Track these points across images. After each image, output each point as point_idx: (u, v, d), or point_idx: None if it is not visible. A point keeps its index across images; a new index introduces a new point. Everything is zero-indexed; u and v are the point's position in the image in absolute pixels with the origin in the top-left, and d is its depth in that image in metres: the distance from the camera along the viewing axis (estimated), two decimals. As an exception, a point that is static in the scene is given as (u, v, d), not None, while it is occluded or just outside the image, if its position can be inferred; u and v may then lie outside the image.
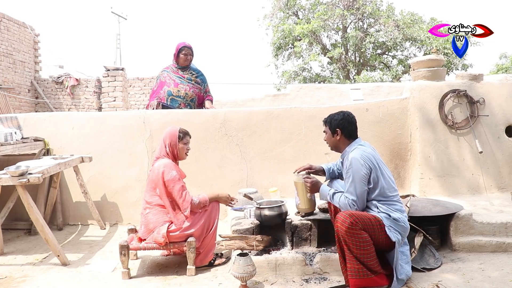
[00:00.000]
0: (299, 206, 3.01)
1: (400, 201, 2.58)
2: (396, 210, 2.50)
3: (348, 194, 2.50)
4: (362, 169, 2.45)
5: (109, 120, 4.26)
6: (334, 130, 2.65)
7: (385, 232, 2.42)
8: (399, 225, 2.47)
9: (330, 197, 2.61)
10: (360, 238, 2.35)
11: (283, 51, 18.09)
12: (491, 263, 2.89)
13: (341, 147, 2.68)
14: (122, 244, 2.78)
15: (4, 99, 10.11)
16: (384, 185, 2.50)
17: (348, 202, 2.48)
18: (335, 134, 2.66)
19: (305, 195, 2.92)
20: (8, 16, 11.91)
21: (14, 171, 2.91)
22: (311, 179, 2.77)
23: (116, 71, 11.89)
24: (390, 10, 17.04)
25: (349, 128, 2.64)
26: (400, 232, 2.48)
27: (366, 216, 2.42)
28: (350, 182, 2.48)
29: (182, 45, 4.45)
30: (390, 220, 2.45)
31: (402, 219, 2.50)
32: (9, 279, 2.83)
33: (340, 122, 2.63)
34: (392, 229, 2.44)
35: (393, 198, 2.53)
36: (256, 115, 4.22)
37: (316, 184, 2.74)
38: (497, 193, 4.11)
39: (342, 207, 2.52)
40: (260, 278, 2.68)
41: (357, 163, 2.46)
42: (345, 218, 2.36)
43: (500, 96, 4.29)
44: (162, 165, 2.88)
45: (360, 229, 2.35)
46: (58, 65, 16.93)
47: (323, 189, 2.68)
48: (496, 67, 22.25)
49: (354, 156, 2.48)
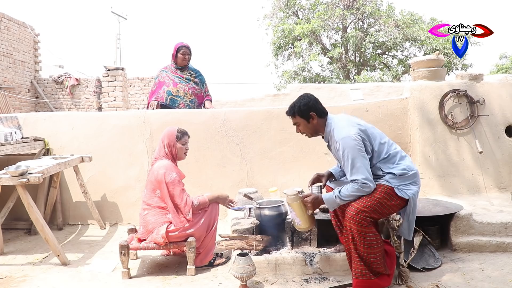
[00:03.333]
0: (301, 226, 2.65)
1: (400, 150, 2.50)
2: (399, 162, 2.41)
3: (354, 177, 2.33)
4: (356, 143, 2.33)
5: (109, 120, 4.26)
6: (307, 115, 2.50)
7: (397, 196, 2.35)
8: (407, 176, 2.38)
9: (339, 199, 2.40)
10: (368, 236, 2.32)
11: (283, 51, 18.10)
12: (491, 263, 2.89)
13: (320, 130, 2.55)
14: (122, 244, 2.78)
15: (4, 99, 10.11)
16: (380, 145, 2.42)
17: (359, 186, 2.32)
18: (310, 119, 2.51)
19: (305, 213, 2.61)
20: (8, 16, 11.91)
21: (14, 171, 2.91)
22: (310, 197, 2.54)
23: (116, 71, 11.88)
24: (390, 10, 17.05)
25: (319, 107, 2.52)
26: (411, 183, 2.39)
27: (373, 200, 2.33)
28: (351, 163, 2.33)
29: (180, 44, 4.47)
30: (397, 178, 2.37)
31: (409, 167, 2.40)
32: (9, 279, 2.83)
33: (310, 105, 2.49)
34: (402, 186, 2.37)
35: (392, 152, 2.44)
36: (256, 115, 4.22)
37: (317, 199, 2.52)
38: (497, 193, 4.11)
39: (356, 195, 2.36)
40: (260, 278, 2.68)
41: (348, 140, 2.34)
42: (353, 216, 2.32)
43: (500, 96, 4.30)
44: (162, 167, 2.87)
45: (369, 224, 2.32)
46: (58, 65, 16.91)
47: (327, 198, 2.46)
48: (496, 67, 22.26)
49: (342, 137, 2.37)
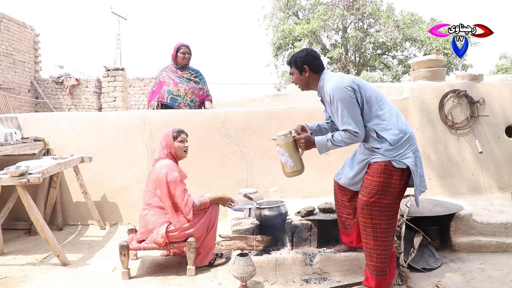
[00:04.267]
0: (294, 168, 2.56)
1: (396, 109, 2.47)
2: (391, 127, 2.36)
3: (345, 126, 2.34)
4: (346, 92, 2.32)
5: (109, 120, 4.26)
6: (301, 68, 2.51)
7: (395, 169, 2.33)
8: (402, 143, 2.35)
9: (331, 142, 2.42)
10: (380, 228, 2.36)
11: (283, 51, 18.09)
12: (491, 263, 2.89)
13: (312, 84, 2.56)
14: (122, 244, 2.78)
15: (4, 99, 10.11)
16: (372, 97, 2.39)
17: (350, 134, 2.33)
18: (303, 72, 2.52)
19: (297, 154, 2.57)
20: (8, 16, 11.91)
21: (14, 171, 2.91)
22: (304, 135, 2.53)
23: (116, 71, 11.89)
24: (390, 10, 17.04)
25: (315, 62, 2.52)
26: (407, 148, 2.35)
27: (375, 185, 2.33)
28: (341, 113, 2.33)
29: (180, 44, 4.48)
30: (392, 148, 2.33)
31: (403, 130, 2.37)
32: (9, 279, 2.83)
33: (306, 58, 2.49)
34: (398, 157, 2.33)
35: (387, 108, 2.41)
36: (256, 115, 4.22)
37: (310, 138, 2.51)
38: (497, 193, 4.12)
39: (346, 143, 2.38)
40: (260, 278, 2.68)
41: (338, 89, 2.33)
42: (362, 209, 2.37)
43: (500, 96, 4.30)
44: (164, 166, 2.87)
45: (382, 215, 2.35)
46: (58, 65, 16.91)
47: (319, 141, 2.47)
48: (496, 67, 22.27)
49: (332, 87, 2.36)
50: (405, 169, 2.35)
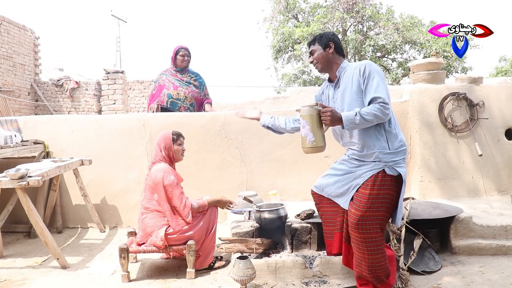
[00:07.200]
0: (314, 143, 2.32)
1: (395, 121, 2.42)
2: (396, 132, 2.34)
3: (377, 94, 2.23)
4: (381, 70, 2.30)
5: (109, 123, 4.26)
6: (326, 44, 2.43)
7: (387, 176, 2.27)
8: (400, 151, 2.31)
9: (359, 115, 2.20)
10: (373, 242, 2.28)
11: (283, 54, 18.14)
12: (491, 266, 2.89)
13: (333, 63, 2.46)
14: (121, 247, 2.78)
15: (4, 102, 10.12)
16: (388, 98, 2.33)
17: (380, 106, 2.21)
18: (328, 48, 2.43)
19: (319, 129, 2.33)
20: (8, 19, 11.93)
21: (14, 174, 2.91)
22: (330, 107, 2.29)
23: (116, 74, 11.89)
24: (390, 13, 17.09)
25: (340, 44, 2.50)
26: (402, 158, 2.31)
27: (371, 198, 2.26)
28: (377, 82, 2.25)
29: (179, 47, 4.49)
30: (389, 152, 2.29)
31: (403, 140, 2.35)
32: (9, 282, 2.83)
33: (332, 37, 2.45)
34: (393, 163, 2.28)
35: (392, 117, 2.38)
36: (256, 118, 4.22)
37: (336, 113, 2.27)
38: (497, 196, 4.11)
39: (375, 116, 2.21)
40: (260, 281, 2.68)
41: (375, 66, 2.31)
42: (356, 224, 2.27)
43: (499, 99, 4.30)
44: (160, 170, 2.86)
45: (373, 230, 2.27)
46: (58, 68, 16.95)
47: (347, 115, 2.23)
48: (496, 70, 22.30)
49: (369, 63, 2.32)
50: (396, 178, 2.29)
